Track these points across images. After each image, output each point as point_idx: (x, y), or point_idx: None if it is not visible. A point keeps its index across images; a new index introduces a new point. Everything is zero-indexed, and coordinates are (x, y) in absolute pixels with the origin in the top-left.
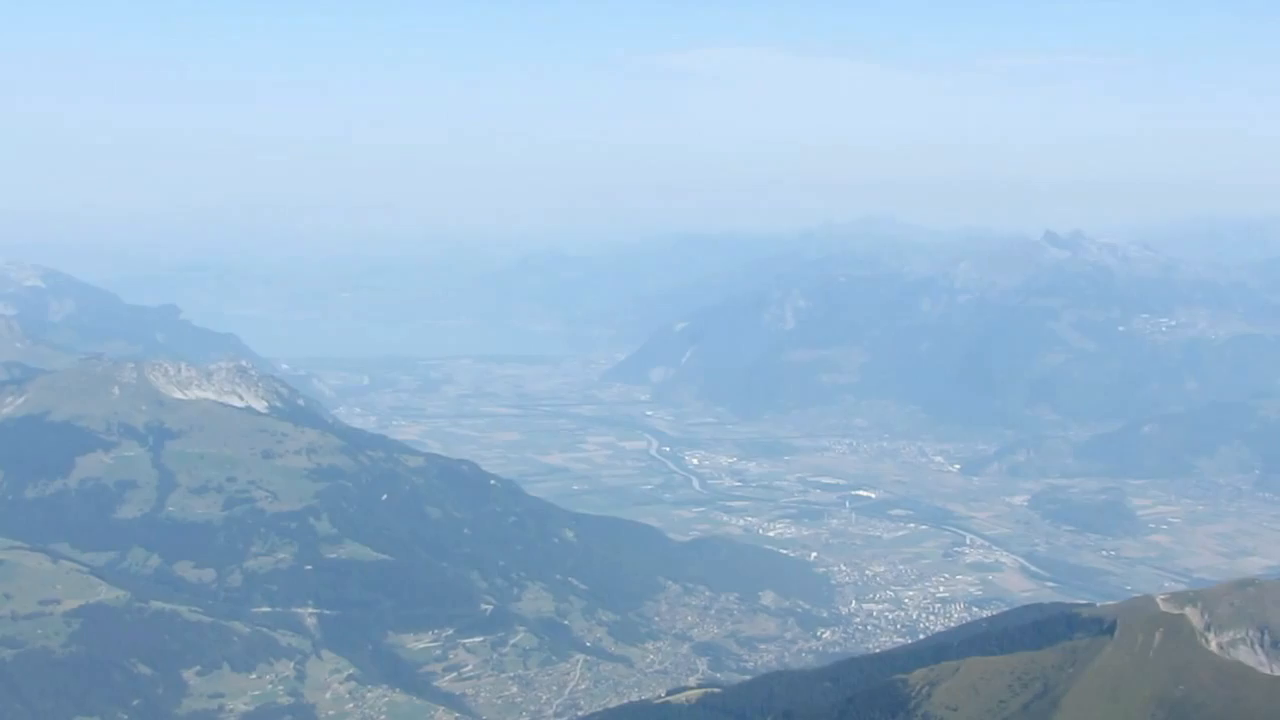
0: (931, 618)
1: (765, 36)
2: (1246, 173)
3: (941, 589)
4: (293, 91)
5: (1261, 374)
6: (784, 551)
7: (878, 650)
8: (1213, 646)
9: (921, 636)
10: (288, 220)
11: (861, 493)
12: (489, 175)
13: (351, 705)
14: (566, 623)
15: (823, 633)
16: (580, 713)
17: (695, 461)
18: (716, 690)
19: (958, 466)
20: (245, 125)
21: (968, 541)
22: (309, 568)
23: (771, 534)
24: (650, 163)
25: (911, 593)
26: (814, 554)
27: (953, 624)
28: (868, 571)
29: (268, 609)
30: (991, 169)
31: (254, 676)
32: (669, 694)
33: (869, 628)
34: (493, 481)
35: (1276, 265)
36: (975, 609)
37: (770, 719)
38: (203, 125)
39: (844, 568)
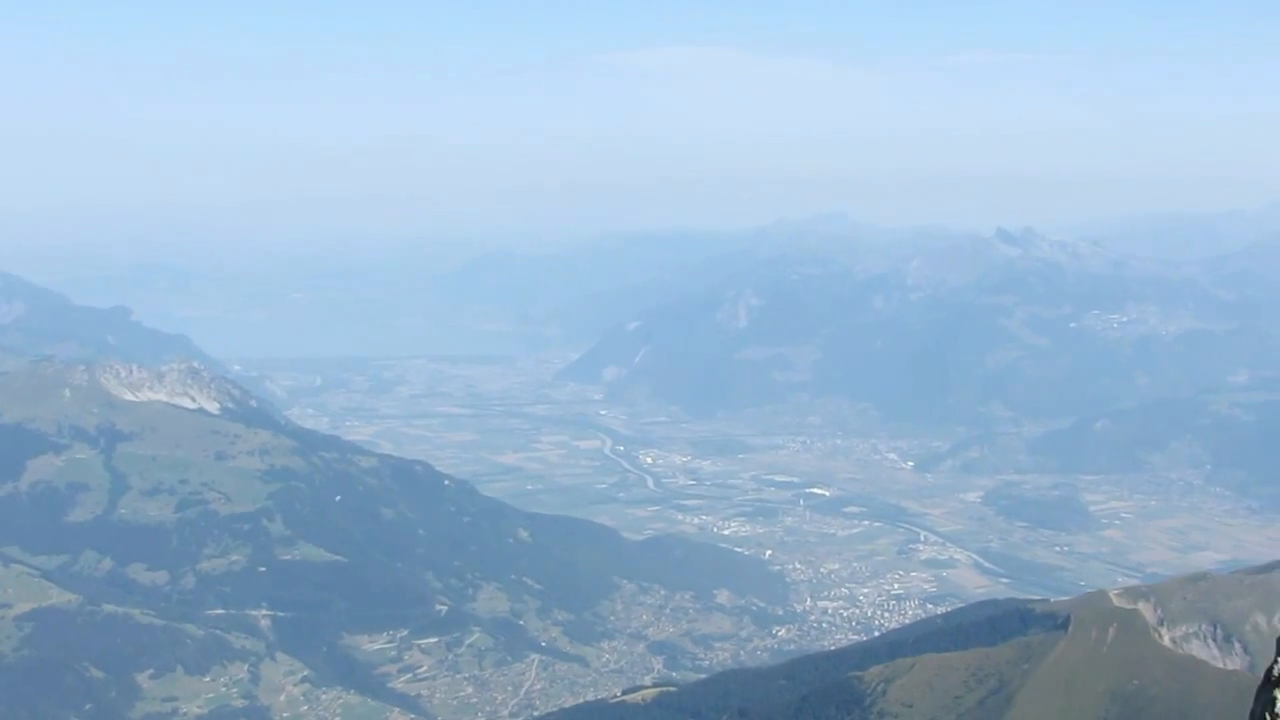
0: (886, 614)
1: (721, 35)
2: (1196, 169)
3: (896, 586)
4: (247, 91)
5: (1211, 369)
6: (739, 550)
7: (833, 647)
8: (1166, 641)
9: (876, 633)
10: (239, 220)
11: (816, 490)
12: (442, 174)
13: (306, 707)
14: (522, 623)
15: (778, 630)
16: (536, 713)
17: (649, 460)
18: (672, 689)
19: (911, 463)
20: (197, 122)
21: (922, 538)
22: (262, 569)
23: (726, 532)
24: (604, 161)
25: (866, 590)
26: (769, 552)
27: (907, 621)
28: (822, 569)
29: (221, 611)
30: (945, 166)
31: (208, 679)
32: (625, 693)
33: (824, 625)
34: (447, 482)
35: (1226, 261)
36: (930, 605)
37: (726, 717)
38: (152, 121)
39: (799, 565)
